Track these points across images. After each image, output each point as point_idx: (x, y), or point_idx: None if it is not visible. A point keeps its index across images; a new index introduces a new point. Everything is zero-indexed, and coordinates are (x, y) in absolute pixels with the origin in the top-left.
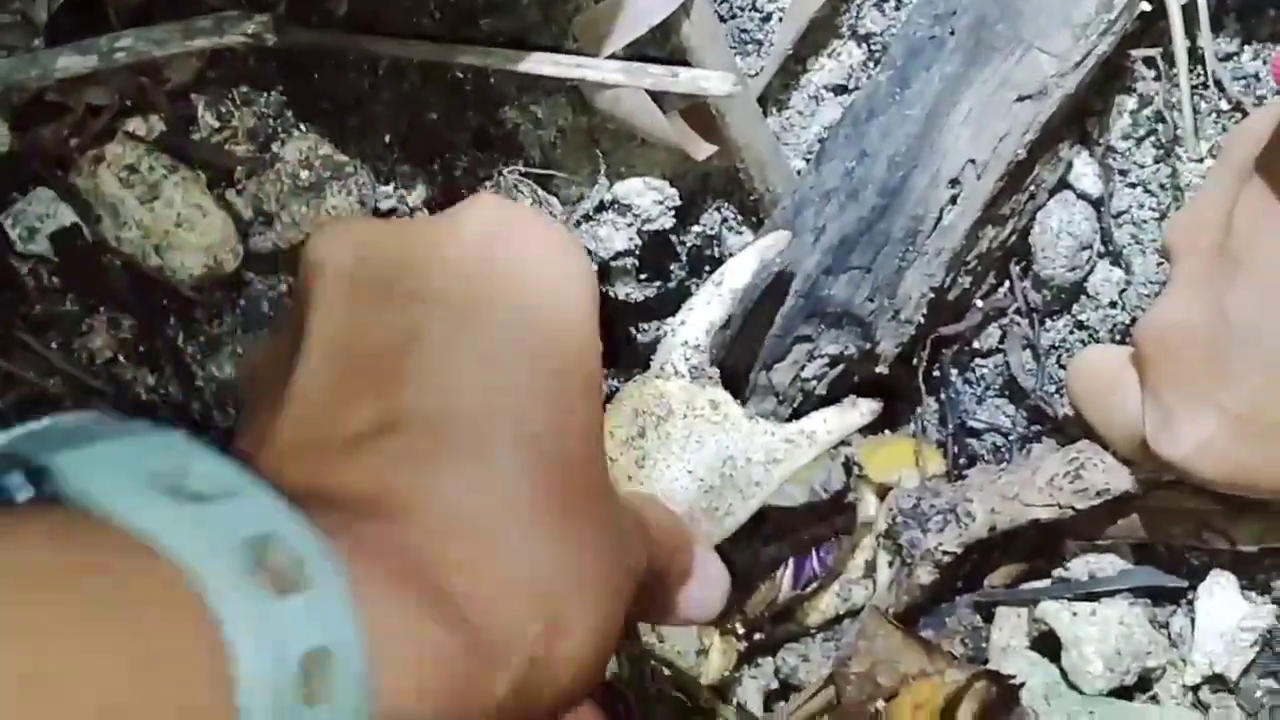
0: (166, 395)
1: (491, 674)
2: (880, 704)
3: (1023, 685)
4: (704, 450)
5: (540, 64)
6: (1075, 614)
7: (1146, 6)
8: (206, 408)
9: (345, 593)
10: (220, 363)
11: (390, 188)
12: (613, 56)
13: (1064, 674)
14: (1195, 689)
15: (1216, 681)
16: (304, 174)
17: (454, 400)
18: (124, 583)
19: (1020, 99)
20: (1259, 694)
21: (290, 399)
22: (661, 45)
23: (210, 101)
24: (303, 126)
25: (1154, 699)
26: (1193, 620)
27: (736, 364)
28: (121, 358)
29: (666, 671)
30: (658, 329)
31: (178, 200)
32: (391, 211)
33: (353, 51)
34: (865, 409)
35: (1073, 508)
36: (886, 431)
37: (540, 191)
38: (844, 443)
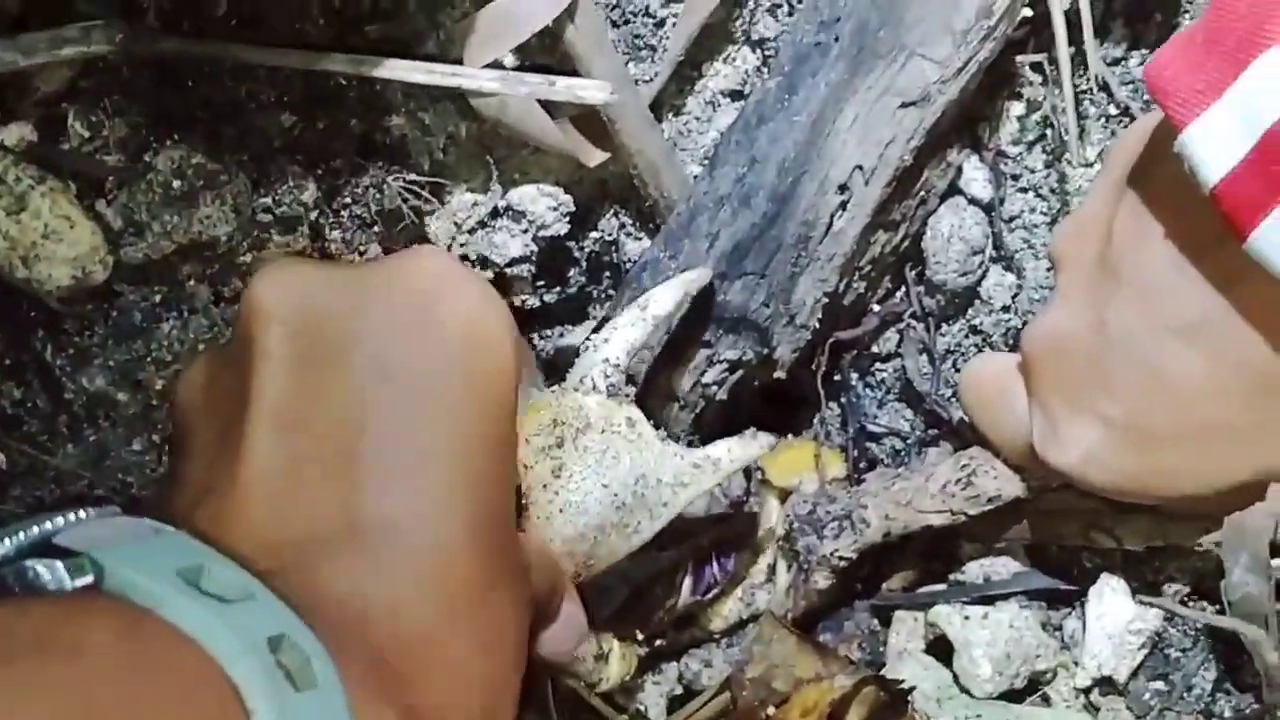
0: (34, 408)
1: None
2: (772, 709)
3: (913, 689)
4: (619, 467)
5: (415, 72)
6: (967, 618)
7: (1028, 13)
8: (75, 420)
9: (343, 695)
10: (91, 375)
11: (269, 199)
12: (497, 64)
13: (955, 677)
14: (1086, 691)
15: (1106, 684)
16: (176, 183)
17: (404, 499)
18: (181, 676)
19: (904, 105)
20: (1147, 696)
21: (245, 485)
22: (550, 52)
23: (81, 110)
24: (176, 136)
25: (1045, 700)
26: (1084, 623)
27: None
28: None
29: (563, 680)
30: (559, 335)
31: (45, 211)
32: (271, 220)
33: (227, 60)
34: (764, 441)
35: (965, 513)
36: (790, 436)
37: (431, 200)
38: None
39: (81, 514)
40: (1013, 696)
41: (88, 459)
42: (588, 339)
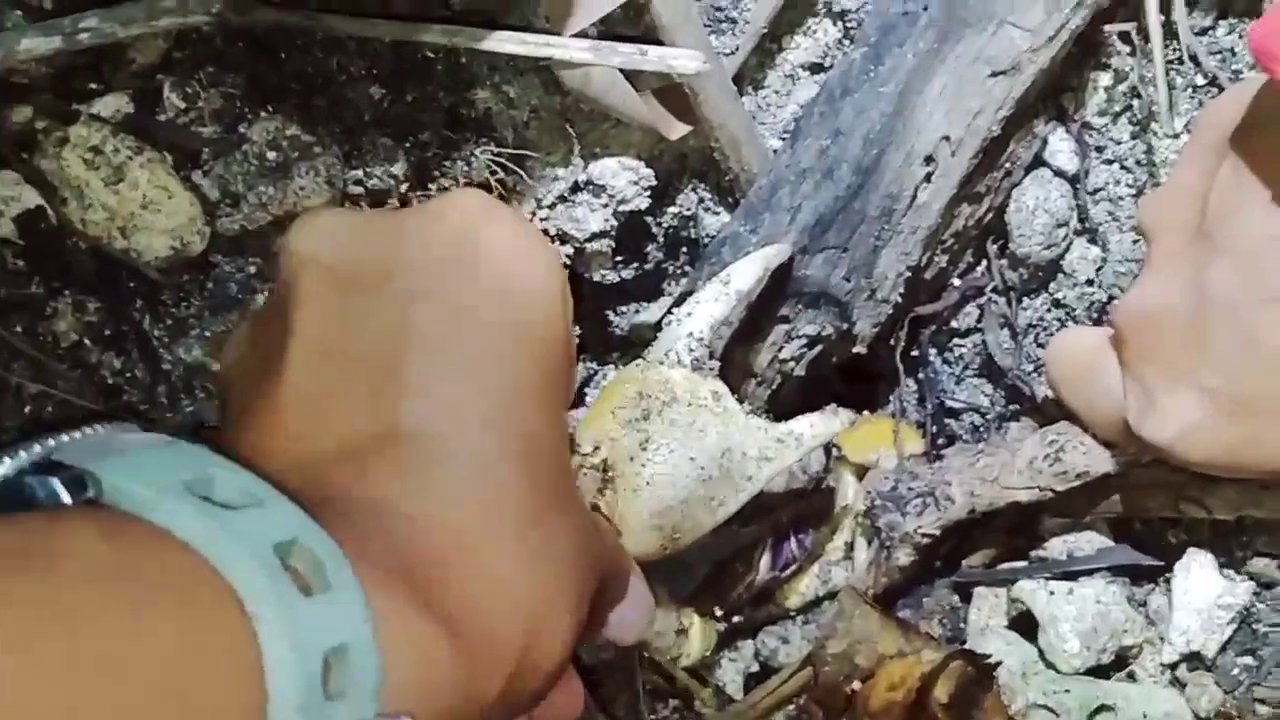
0: (133, 378)
1: (485, 675)
2: (857, 684)
3: (999, 664)
4: (706, 439)
5: (507, 42)
6: (1052, 593)
7: None
8: (174, 390)
9: (361, 595)
10: (188, 346)
11: (360, 171)
12: (583, 35)
13: (1041, 653)
14: (1173, 667)
15: (1194, 659)
16: (271, 155)
17: (443, 412)
18: (171, 580)
19: (994, 74)
20: (1236, 671)
21: (283, 407)
22: (634, 24)
23: (176, 82)
24: (270, 108)
25: (1131, 677)
26: (1170, 598)
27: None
28: (87, 341)
29: (645, 654)
30: (635, 311)
31: (143, 182)
32: (362, 193)
33: (320, 31)
34: (845, 417)
35: (1052, 490)
36: (865, 412)
37: (516, 172)
38: None
39: (89, 430)
40: (1099, 672)
41: (186, 429)
42: (670, 313)
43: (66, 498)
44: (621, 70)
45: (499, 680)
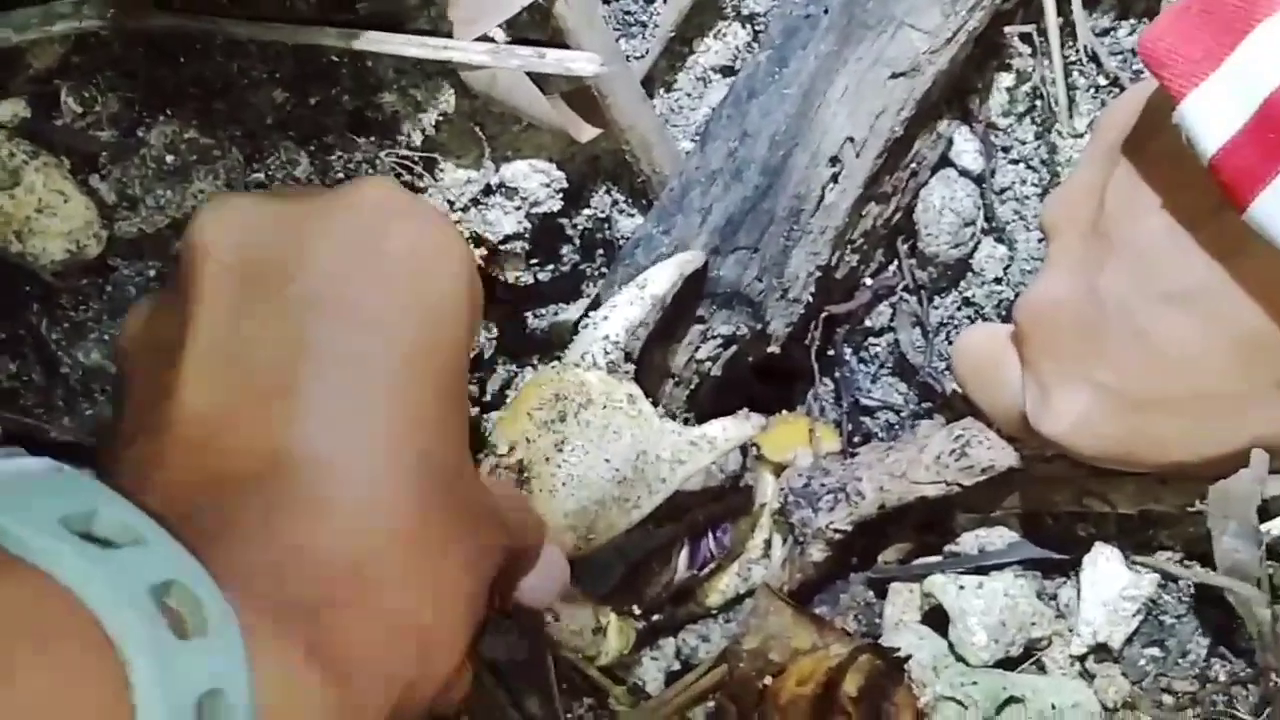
0: (29, 382)
1: (364, 711)
2: (769, 679)
3: (909, 658)
4: (620, 442)
5: (407, 45)
6: (962, 587)
7: None
8: (72, 394)
9: (238, 639)
10: (86, 349)
11: (261, 174)
12: (487, 38)
13: (951, 646)
14: (1081, 659)
15: (1101, 651)
16: (169, 159)
17: (336, 435)
18: (41, 623)
19: (894, 76)
20: (1142, 662)
21: (177, 419)
22: (541, 28)
23: (73, 87)
24: (168, 111)
25: (1040, 668)
26: (1078, 592)
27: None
28: None
29: (560, 652)
30: (553, 313)
31: (39, 186)
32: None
33: (220, 35)
34: (756, 422)
35: (959, 484)
36: (783, 411)
37: (424, 175)
38: None
39: None
40: (1008, 664)
41: (84, 433)
42: (587, 316)
43: None
44: (529, 74)
45: (383, 711)
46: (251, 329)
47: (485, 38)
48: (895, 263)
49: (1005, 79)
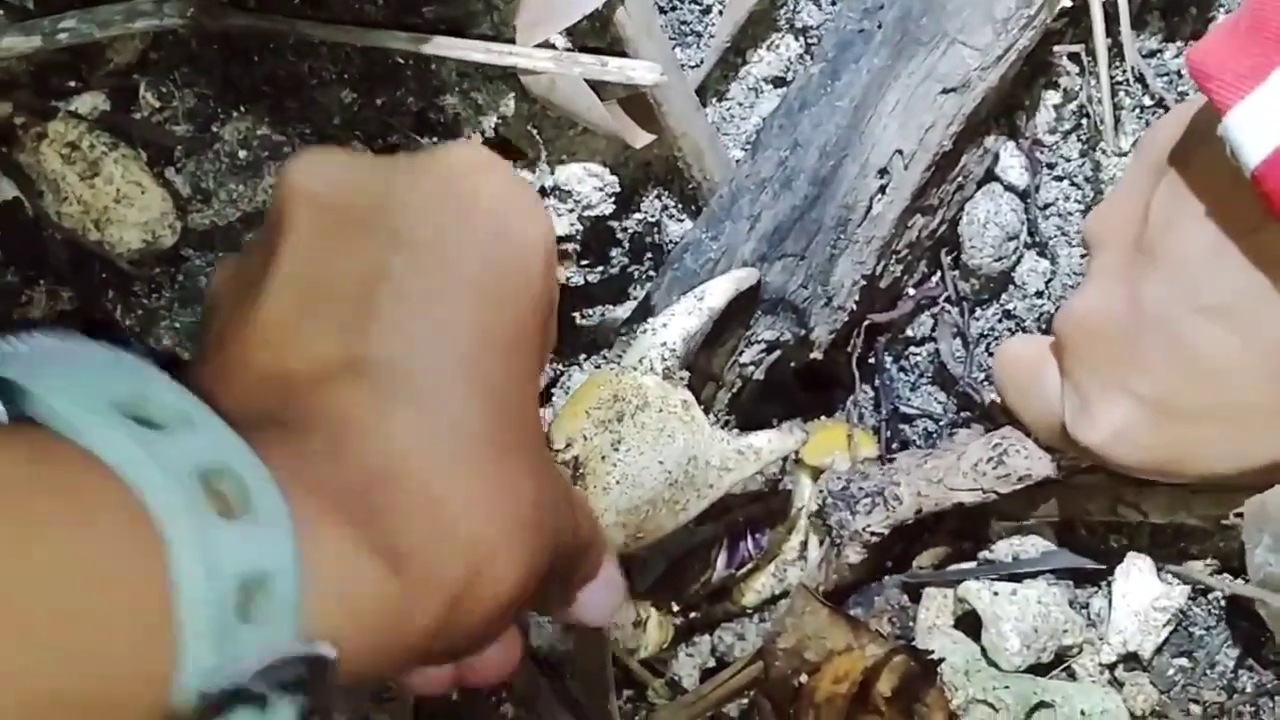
0: None
1: (416, 607)
2: (804, 678)
3: (942, 660)
4: (674, 445)
5: (473, 51)
6: (996, 593)
7: (1067, 3)
8: None
9: (287, 523)
10: (158, 336)
11: None
12: (548, 45)
13: (984, 651)
14: (1111, 667)
15: (1131, 660)
16: (242, 153)
17: (413, 346)
18: (84, 502)
19: (945, 91)
20: (1171, 672)
21: (256, 323)
22: (600, 35)
23: (152, 82)
24: (242, 108)
25: (1070, 675)
26: (1110, 601)
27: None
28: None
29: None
30: (601, 313)
31: (117, 177)
32: None
33: (292, 36)
34: (799, 436)
35: (996, 492)
36: (822, 417)
37: None
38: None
39: (31, 339)
40: (1039, 670)
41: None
42: (646, 323)
43: (1, 413)
44: (586, 80)
45: (433, 614)
46: (335, 259)
47: (547, 44)
48: (938, 274)
49: (1052, 97)
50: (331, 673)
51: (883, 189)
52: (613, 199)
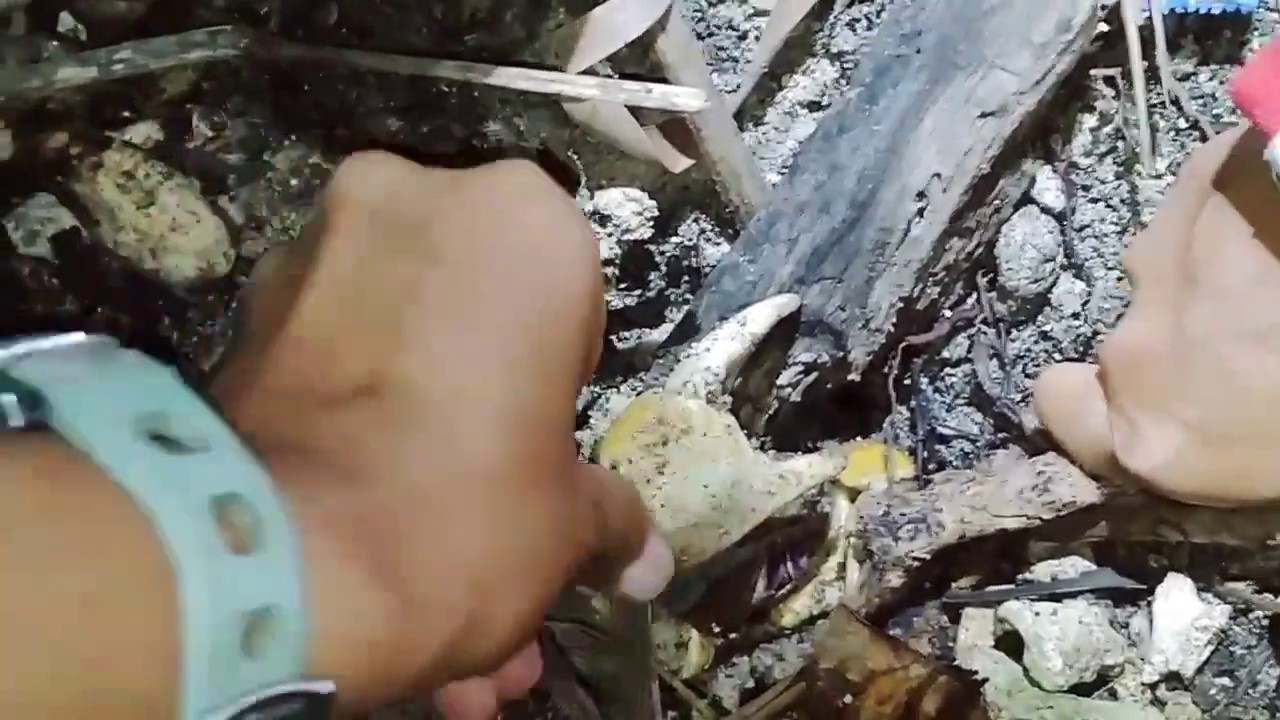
0: None
1: (418, 644)
2: (848, 698)
3: (985, 681)
4: (718, 470)
5: (518, 78)
6: (1037, 614)
7: (1105, 27)
8: None
9: (297, 558)
10: (213, 361)
11: None
12: (591, 72)
13: (1026, 671)
14: (1153, 687)
15: (1173, 679)
16: (294, 181)
17: (439, 373)
18: (98, 525)
19: (983, 115)
20: (1213, 691)
21: (288, 340)
22: (640, 62)
23: (204, 112)
24: (293, 136)
25: (1113, 695)
26: (1150, 620)
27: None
28: None
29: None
30: (638, 336)
31: (172, 206)
32: None
33: (341, 66)
34: (839, 460)
35: (1040, 518)
36: (859, 438)
37: None
38: None
39: (58, 341)
40: (1082, 690)
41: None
42: (689, 347)
43: (18, 419)
44: (627, 106)
45: (434, 651)
46: (372, 271)
47: (589, 71)
48: (975, 296)
49: (1089, 120)
50: (330, 708)
51: (920, 212)
52: (651, 223)
